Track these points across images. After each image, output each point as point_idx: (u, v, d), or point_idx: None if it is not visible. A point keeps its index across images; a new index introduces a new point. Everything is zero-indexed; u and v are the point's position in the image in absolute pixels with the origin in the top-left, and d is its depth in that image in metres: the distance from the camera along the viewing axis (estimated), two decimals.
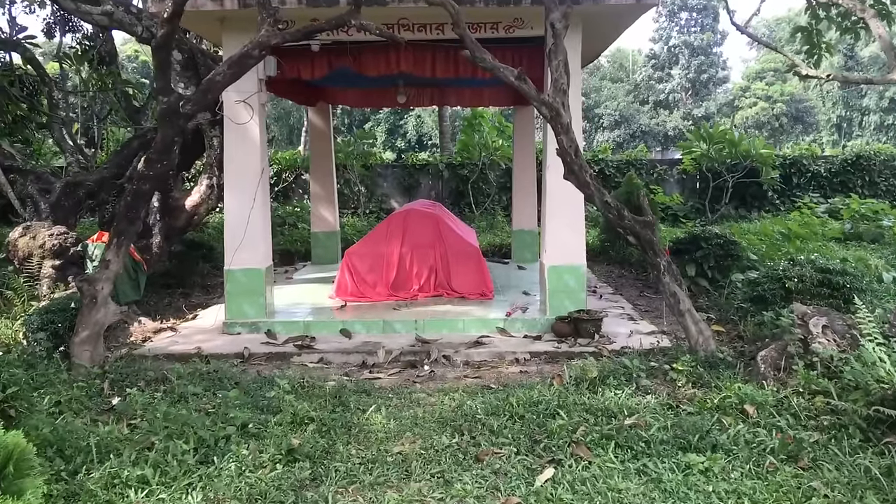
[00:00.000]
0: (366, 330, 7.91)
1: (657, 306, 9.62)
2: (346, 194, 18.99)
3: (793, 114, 57.94)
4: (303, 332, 7.87)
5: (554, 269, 7.92)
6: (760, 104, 57.40)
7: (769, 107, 57.29)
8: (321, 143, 12.53)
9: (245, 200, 7.84)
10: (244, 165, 7.88)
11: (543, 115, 6.39)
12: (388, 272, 9.15)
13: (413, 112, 49.21)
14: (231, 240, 7.90)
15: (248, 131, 7.84)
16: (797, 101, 58.22)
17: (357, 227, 16.71)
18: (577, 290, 7.93)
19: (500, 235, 15.62)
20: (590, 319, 7.60)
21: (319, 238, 12.54)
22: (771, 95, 57.96)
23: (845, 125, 56.80)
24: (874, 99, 53.08)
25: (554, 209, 7.88)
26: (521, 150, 12.50)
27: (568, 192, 7.59)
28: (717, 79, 61.94)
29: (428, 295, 9.14)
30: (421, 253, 9.22)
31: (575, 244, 7.91)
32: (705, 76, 61.53)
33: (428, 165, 19.61)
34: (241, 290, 7.96)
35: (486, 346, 7.38)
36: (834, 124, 57.48)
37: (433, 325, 7.93)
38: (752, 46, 68.97)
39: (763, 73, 60.92)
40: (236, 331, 7.92)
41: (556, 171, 7.56)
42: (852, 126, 55.92)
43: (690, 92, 61.62)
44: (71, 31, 17.64)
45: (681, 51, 60.79)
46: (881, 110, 53.15)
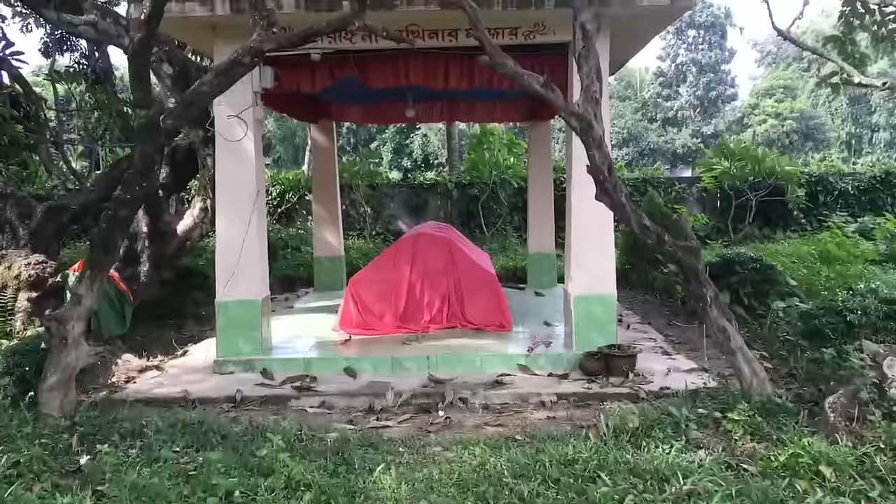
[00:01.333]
0: (372, 368, 7.13)
1: (690, 337, 8.82)
2: (351, 215, 18.26)
3: (803, 131, 57.22)
4: (303, 370, 7.09)
5: (581, 298, 7.14)
6: (770, 121, 56.74)
7: (779, 124, 56.61)
8: (324, 163, 11.80)
9: (239, 225, 7.09)
10: (238, 187, 7.15)
11: (573, 128, 5.63)
12: (397, 302, 8.38)
13: (419, 131, 48.57)
14: (223, 268, 7.15)
15: (242, 149, 7.11)
16: (807, 118, 57.54)
17: (363, 250, 15.95)
18: (607, 321, 7.14)
19: (514, 259, 14.84)
20: (623, 356, 6.80)
21: (323, 263, 11.78)
22: (781, 112, 57.31)
23: (854, 142, 56.18)
24: (884, 116, 52.48)
25: (580, 232, 7.11)
26: (537, 168, 11.75)
27: (596, 213, 6.83)
28: (726, 96, 61.39)
29: (440, 326, 8.36)
30: (432, 280, 8.45)
31: (604, 271, 7.14)
32: (714, 94, 61.08)
33: (436, 185, 18.89)
34: (234, 324, 7.19)
35: (506, 387, 6.59)
36: (843, 141, 56.87)
37: (447, 361, 7.14)
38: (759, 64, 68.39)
39: (772, 90, 60.31)
40: (229, 370, 7.15)
41: (583, 190, 6.83)
42: (862, 143, 55.26)
43: (699, 109, 61.12)
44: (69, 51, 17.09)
45: (689, 68, 60.32)
46: (891, 127, 52.49)
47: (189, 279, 10.40)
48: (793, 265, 11.25)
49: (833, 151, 57.13)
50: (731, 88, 61.46)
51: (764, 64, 67.12)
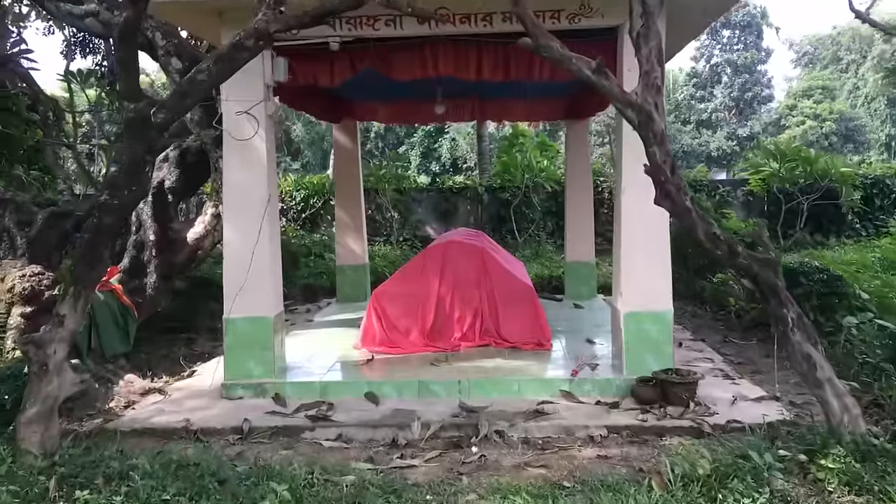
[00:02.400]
0: (397, 393, 6.36)
1: (750, 356, 7.94)
2: (377, 221, 17.57)
3: (843, 132, 55.67)
4: (319, 396, 6.35)
5: (632, 316, 6.30)
6: (808, 123, 55.28)
7: (818, 125, 55.13)
8: (348, 165, 11.07)
9: (248, 233, 6.37)
10: (247, 191, 6.42)
11: (629, 120, 4.81)
12: (425, 317, 7.61)
13: (447, 135, 47.90)
14: (231, 282, 6.43)
15: (253, 149, 6.38)
16: (847, 119, 56.00)
17: (389, 257, 15.22)
18: (663, 342, 6.30)
19: (549, 267, 13.99)
20: (682, 382, 5.95)
21: (346, 272, 11.05)
22: (819, 114, 55.83)
23: (895, 144, 54.72)
24: None
25: (632, 241, 6.29)
26: (575, 170, 10.92)
27: (651, 219, 6.05)
28: (762, 97, 59.96)
29: (472, 345, 7.57)
30: (464, 293, 7.66)
31: (660, 285, 6.30)
32: (749, 94, 59.72)
33: (466, 189, 18.12)
34: (243, 344, 6.47)
35: (549, 417, 5.78)
36: (883, 143, 55.38)
37: (480, 386, 6.35)
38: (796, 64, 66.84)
39: (811, 90, 58.83)
40: (237, 394, 6.42)
41: (636, 192, 6.05)
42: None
43: (734, 111, 59.80)
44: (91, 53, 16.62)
45: (723, 69, 58.95)
46: None
47: (203, 289, 9.74)
48: (857, 275, 10.29)
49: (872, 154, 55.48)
50: (767, 89, 59.99)
51: (800, 65, 65.65)
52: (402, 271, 8.00)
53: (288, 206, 18.10)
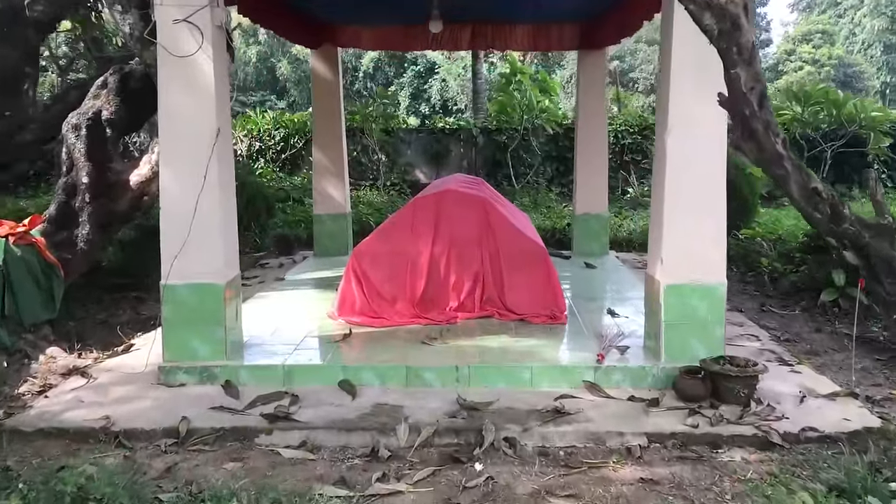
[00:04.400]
0: (379, 381, 5.09)
1: (798, 331, 6.72)
2: (363, 163, 16.12)
3: (840, 79, 54.20)
4: (282, 384, 5.07)
5: (675, 289, 5.01)
6: (807, 68, 53.69)
7: (816, 71, 53.57)
8: (328, 100, 9.61)
9: (191, 177, 5.01)
10: (189, 123, 5.03)
11: (706, 30, 3.47)
12: (415, 282, 6.30)
13: (437, 75, 45.97)
14: (170, 239, 5.10)
15: (196, 68, 4.97)
16: (845, 65, 54.47)
17: (375, 204, 13.84)
18: (713, 323, 5.04)
19: (551, 217, 12.67)
20: (740, 376, 4.70)
21: (324, 222, 9.68)
22: (819, 59, 54.21)
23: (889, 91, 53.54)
24: None
25: (679, 196, 4.96)
26: (588, 110, 9.51)
27: (705, 168, 4.78)
28: (760, 41, 58.41)
29: (471, 316, 6.29)
30: (462, 254, 6.35)
31: (712, 253, 5.01)
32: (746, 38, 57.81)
33: (459, 131, 16.62)
34: (186, 318, 5.15)
35: (571, 419, 4.54)
36: (878, 90, 54.20)
37: (483, 374, 5.09)
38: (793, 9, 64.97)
39: (810, 35, 57.13)
40: (178, 380, 5.13)
41: (687, 133, 4.77)
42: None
43: None
44: None
45: None
46: None
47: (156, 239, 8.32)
48: None
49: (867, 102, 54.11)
50: (766, 33, 58.35)
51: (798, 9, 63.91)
52: (386, 226, 6.65)
53: (266, 146, 16.63)
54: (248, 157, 16.53)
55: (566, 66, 47.10)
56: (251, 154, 16.62)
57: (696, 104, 4.83)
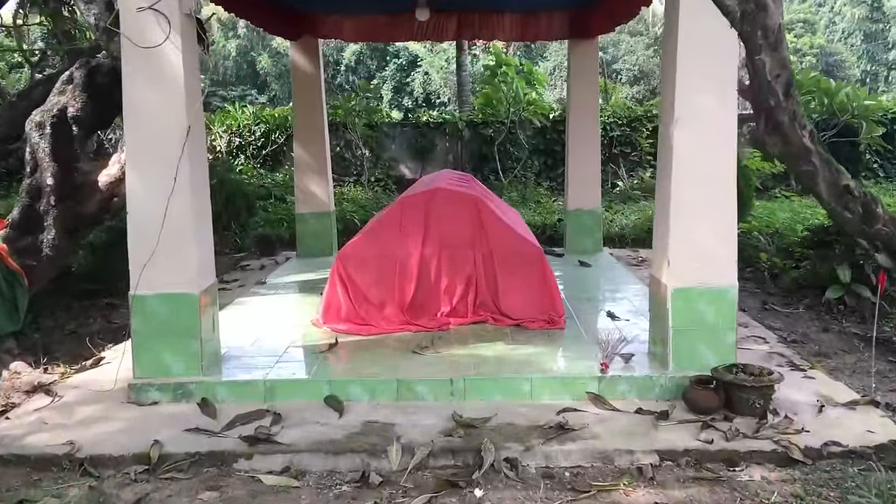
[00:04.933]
0: (368, 396, 4.73)
1: (804, 331, 6.43)
2: (347, 159, 15.72)
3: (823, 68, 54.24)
4: (263, 401, 4.71)
5: (683, 293, 4.69)
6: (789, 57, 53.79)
7: (798, 60, 53.55)
8: (308, 93, 9.22)
9: (160, 179, 4.62)
10: (157, 120, 4.64)
11: (727, 12, 3.12)
12: (404, 286, 5.94)
13: (420, 68, 45.49)
14: (139, 246, 4.71)
15: (163, 60, 4.58)
16: (827, 54, 54.54)
17: (359, 200, 13.45)
18: (723, 329, 4.72)
19: (541, 213, 12.34)
20: (755, 386, 4.38)
21: (307, 221, 9.30)
22: (800, 48, 54.21)
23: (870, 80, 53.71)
24: None
25: (686, 193, 4.63)
26: (580, 100, 9.17)
27: (714, 163, 4.46)
28: None
29: (465, 321, 5.94)
30: (454, 256, 6.00)
31: (722, 253, 4.69)
32: None
33: (444, 124, 16.25)
34: (158, 330, 4.77)
35: (576, 436, 4.20)
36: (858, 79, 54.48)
37: (479, 387, 4.75)
38: None
39: (791, 24, 57.14)
40: (150, 398, 4.75)
41: (696, 125, 4.46)
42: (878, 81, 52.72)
43: None
44: None
45: None
46: None
47: None
48: None
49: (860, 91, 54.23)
50: None
51: None
52: (373, 226, 6.29)
53: (246, 142, 16.19)
54: (227, 153, 16.09)
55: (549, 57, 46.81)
56: (231, 150, 16.17)
57: (704, 92, 4.50)
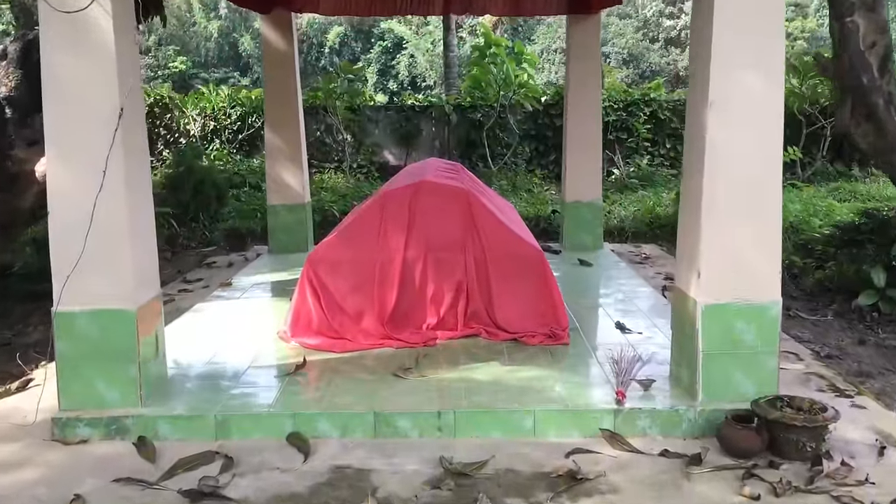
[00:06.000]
0: (340, 431, 3.96)
1: (838, 342, 5.71)
2: (327, 144, 14.89)
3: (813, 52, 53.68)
4: (213, 437, 3.93)
5: (717, 310, 3.93)
6: None
7: (789, 44, 53.00)
8: (281, 73, 8.38)
9: (87, 173, 3.81)
10: (82, 101, 3.82)
11: None
12: (385, 294, 5.16)
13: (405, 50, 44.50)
14: (61, 253, 3.89)
15: (89, 29, 3.75)
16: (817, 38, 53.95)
17: (339, 189, 12.64)
18: (764, 353, 3.97)
19: (535, 203, 11.58)
20: (807, 427, 3.64)
21: (279, 214, 8.48)
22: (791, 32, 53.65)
23: None
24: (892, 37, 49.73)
25: (723, 192, 3.87)
26: (580, 83, 8.38)
27: (758, 157, 3.69)
28: None
29: (454, 335, 5.17)
30: (441, 259, 5.22)
31: (764, 265, 3.94)
32: None
33: (430, 108, 15.43)
34: (87, 354, 3.97)
35: (590, 488, 3.45)
36: None
37: (473, 420, 3.98)
38: None
39: None
40: (77, 436, 3.95)
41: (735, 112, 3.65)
42: None
43: None
44: None
45: None
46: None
47: None
48: None
49: None
50: None
51: None
52: (350, 224, 5.49)
53: (221, 126, 15.32)
54: (201, 138, 15.23)
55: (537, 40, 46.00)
56: (205, 135, 15.31)
57: (746, 69, 3.75)
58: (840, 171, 13.60)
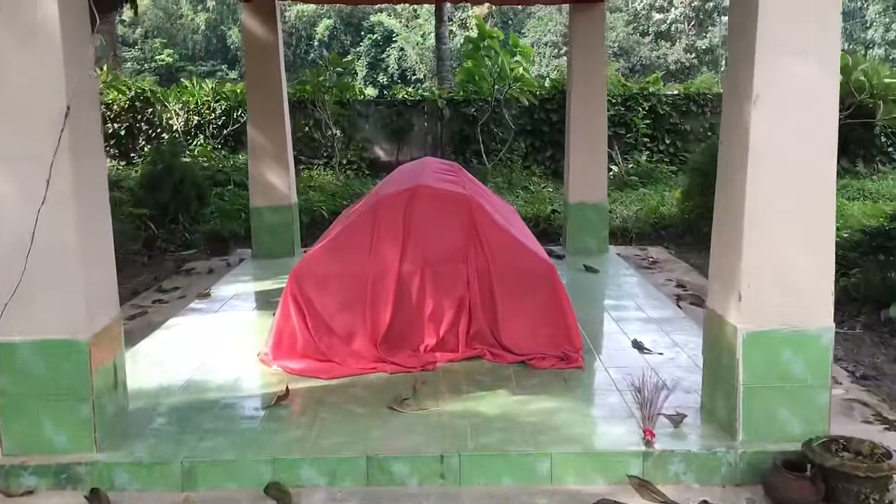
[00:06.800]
0: (327, 479, 3.43)
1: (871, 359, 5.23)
2: (316, 139, 14.33)
3: None
4: (179, 489, 3.39)
5: (760, 338, 3.42)
6: None
7: None
8: (264, 67, 7.81)
9: (28, 183, 3.25)
10: (21, 99, 3.25)
11: None
12: (378, 312, 4.63)
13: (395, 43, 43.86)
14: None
15: (33, 13, 3.19)
16: None
17: (328, 188, 12.07)
18: (815, 386, 3.47)
19: (532, 202, 11.06)
20: (870, 477, 3.13)
21: (263, 216, 7.92)
22: None
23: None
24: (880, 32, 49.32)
25: (768, 200, 3.36)
26: (583, 77, 7.85)
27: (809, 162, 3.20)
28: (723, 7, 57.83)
29: (455, 357, 4.64)
30: (441, 273, 4.69)
31: (817, 282, 3.43)
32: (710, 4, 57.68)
33: (422, 102, 14.89)
34: (32, 391, 3.42)
35: None
36: None
37: (481, 465, 3.45)
38: None
39: None
40: (22, 486, 3.40)
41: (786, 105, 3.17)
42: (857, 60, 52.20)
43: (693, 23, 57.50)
44: None
45: None
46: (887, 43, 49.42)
47: None
48: None
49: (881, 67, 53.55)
50: None
51: None
52: (339, 233, 4.93)
53: (206, 121, 14.73)
54: (185, 133, 14.63)
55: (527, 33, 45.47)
56: (189, 130, 14.71)
57: (797, 56, 3.25)
58: (846, 168, 13.12)
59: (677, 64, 53.56)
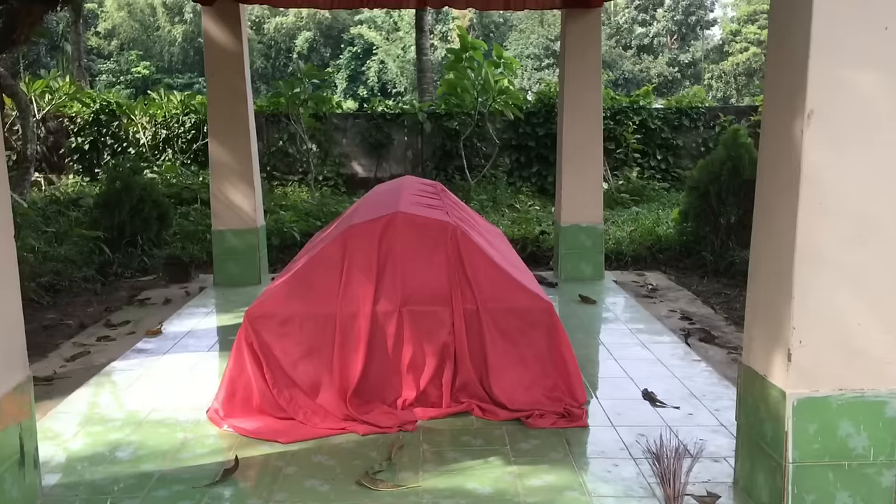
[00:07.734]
0: None
1: None
2: (290, 154, 13.67)
3: None
4: None
5: (815, 405, 2.79)
6: (752, 49, 53.06)
7: (762, 52, 52.95)
8: (227, 76, 7.14)
9: None
10: None
11: None
12: (348, 361, 3.95)
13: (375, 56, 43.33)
14: None
15: None
16: None
17: (302, 207, 11.35)
18: (879, 463, 2.83)
19: (519, 222, 10.42)
20: None
21: (226, 240, 7.23)
22: (764, 40, 53.54)
23: None
24: None
25: (826, 238, 2.73)
26: (577, 89, 7.25)
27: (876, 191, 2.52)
28: (706, 21, 58.18)
29: (438, 414, 3.96)
30: (421, 314, 4.02)
31: (880, 339, 2.80)
32: (693, 18, 58.12)
33: (402, 116, 14.25)
34: None
35: None
36: None
37: None
38: None
39: (755, 15, 56.52)
40: None
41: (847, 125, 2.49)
42: None
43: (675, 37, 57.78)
44: None
45: None
46: None
47: None
48: None
49: None
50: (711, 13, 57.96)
51: None
52: (303, 267, 4.24)
53: (174, 135, 14.01)
54: (152, 147, 13.91)
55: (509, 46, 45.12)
56: (157, 144, 13.99)
57: (861, 68, 2.62)
58: None
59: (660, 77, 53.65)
